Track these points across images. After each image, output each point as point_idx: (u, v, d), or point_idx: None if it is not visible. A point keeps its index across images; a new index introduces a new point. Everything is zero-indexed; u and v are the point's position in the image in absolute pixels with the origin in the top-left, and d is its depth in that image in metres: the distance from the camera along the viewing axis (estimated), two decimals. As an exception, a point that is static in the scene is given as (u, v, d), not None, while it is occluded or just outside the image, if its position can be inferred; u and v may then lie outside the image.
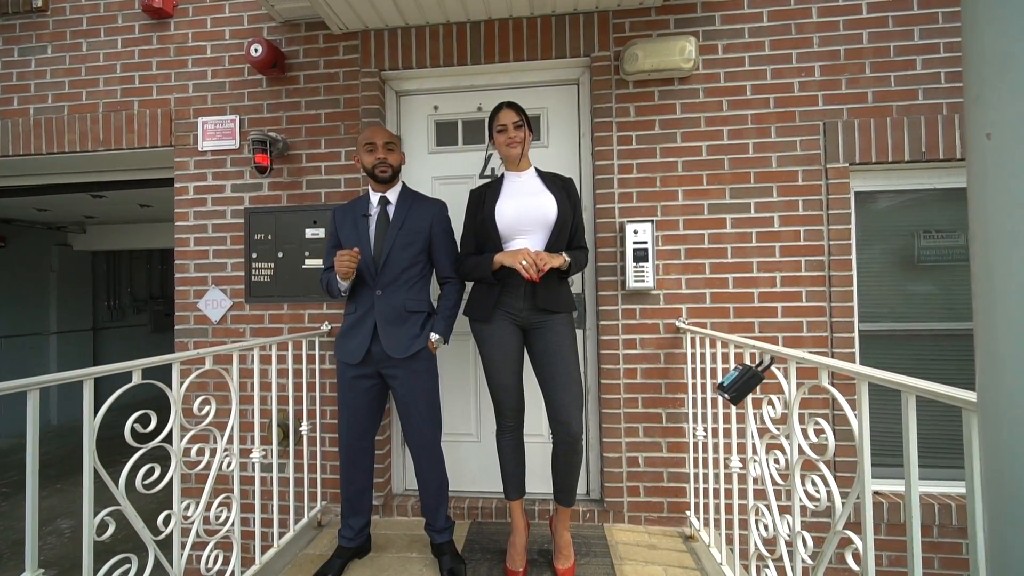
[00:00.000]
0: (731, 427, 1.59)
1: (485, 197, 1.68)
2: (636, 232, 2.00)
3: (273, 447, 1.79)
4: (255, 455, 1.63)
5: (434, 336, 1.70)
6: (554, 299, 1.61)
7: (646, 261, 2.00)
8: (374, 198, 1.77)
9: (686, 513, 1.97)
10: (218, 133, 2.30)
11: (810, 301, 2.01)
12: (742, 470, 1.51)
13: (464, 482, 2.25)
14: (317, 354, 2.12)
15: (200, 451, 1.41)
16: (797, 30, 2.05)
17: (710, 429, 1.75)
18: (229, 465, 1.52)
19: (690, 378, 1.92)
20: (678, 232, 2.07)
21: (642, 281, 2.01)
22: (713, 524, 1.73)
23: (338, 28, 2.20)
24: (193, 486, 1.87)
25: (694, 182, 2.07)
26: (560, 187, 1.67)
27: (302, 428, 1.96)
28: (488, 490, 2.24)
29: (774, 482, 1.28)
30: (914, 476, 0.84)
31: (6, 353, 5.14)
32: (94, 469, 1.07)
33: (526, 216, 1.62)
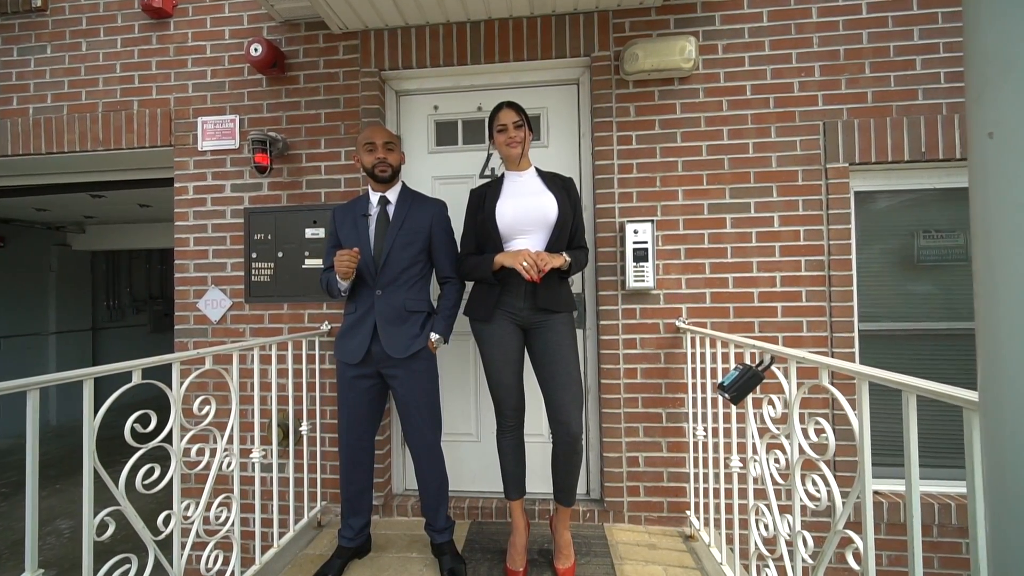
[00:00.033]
0: (731, 427, 1.59)
1: (485, 197, 1.68)
2: (636, 232, 2.00)
3: (273, 447, 1.79)
4: (255, 455, 1.63)
5: (434, 336, 1.70)
6: (554, 299, 1.61)
7: (646, 261, 2.00)
8: (374, 198, 1.77)
9: (686, 513, 1.97)
10: (218, 133, 2.29)
11: (810, 301, 2.01)
12: (742, 470, 1.51)
13: (464, 482, 2.25)
14: (317, 354, 2.12)
15: (200, 451, 1.41)
16: (797, 30, 2.06)
17: (710, 429, 1.75)
18: (229, 465, 1.52)
19: (690, 378, 1.92)
20: (678, 232, 2.07)
21: (642, 281, 2.01)
22: (713, 524, 1.73)
23: (338, 28, 2.20)
24: (193, 486, 1.88)
25: (694, 182, 2.07)
26: (560, 187, 1.67)
27: (302, 428, 1.96)
28: (488, 490, 2.24)
29: (774, 482, 1.28)
30: (915, 476, 0.84)
31: (5, 353, 5.13)
32: (94, 469, 1.07)
33: (526, 216, 1.62)
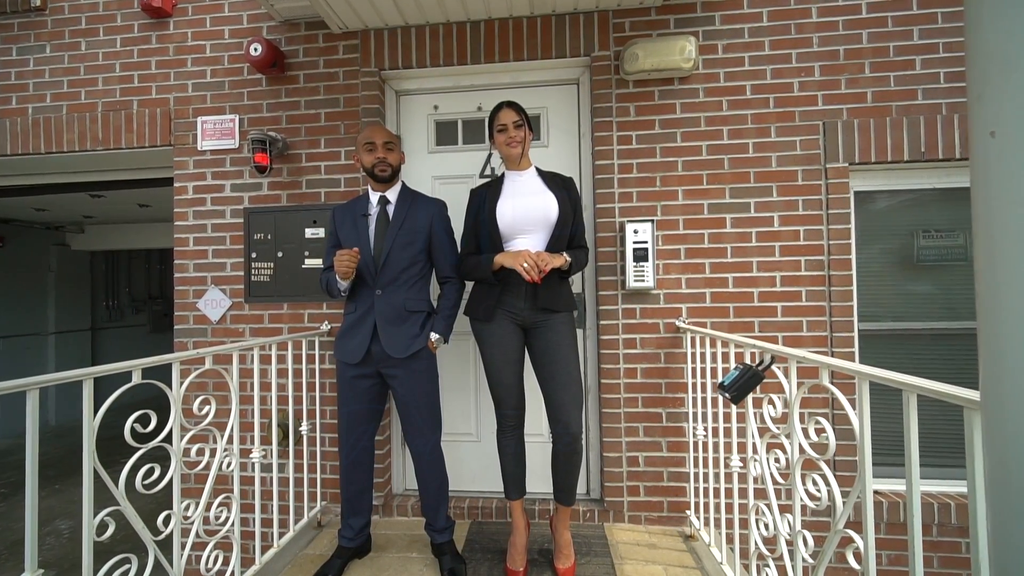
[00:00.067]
0: (731, 426, 1.59)
1: (486, 197, 1.68)
2: (636, 232, 2.00)
3: (273, 447, 1.79)
4: (255, 455, 1.63)
5: (434, 336, 1.70)
6: (555, 298, 1.61)
7: (646, 261, 2.00)
8: (374, 197, 1.76)
9: (686, 512, 1.97)
10: (217, 132, 2.29)
11: (810, 301, 2.01)
12: (742, 469, 1.51)
13: (464, 482, 2.25)
14: (317, 354, 2.12)
15: (200, 451, 1.41)
16: (797, 30, 2.06)
17: (710, 428, 1.75)
18: (229, 465, 1.52)
19: (690, 377, 1.92)
20: (678, 232, 2.07)
21: (642, 281, 2.01)
22: (713, 523, 1.73)
23: (338, 27, 2.19)
24: (193, 486, 1.88)
25: (694, 182, 2.08)
26: (561, 186, 1.67)
27: (302, 428, 1.95)
28: (488, 490, 2.24)
29: (775, 481, 1.28)
30: (915, 475, 0.84)
31: (4, 353, 5.12)
32: (94, 469, 1.06)
33: (527, 216, 1.62)
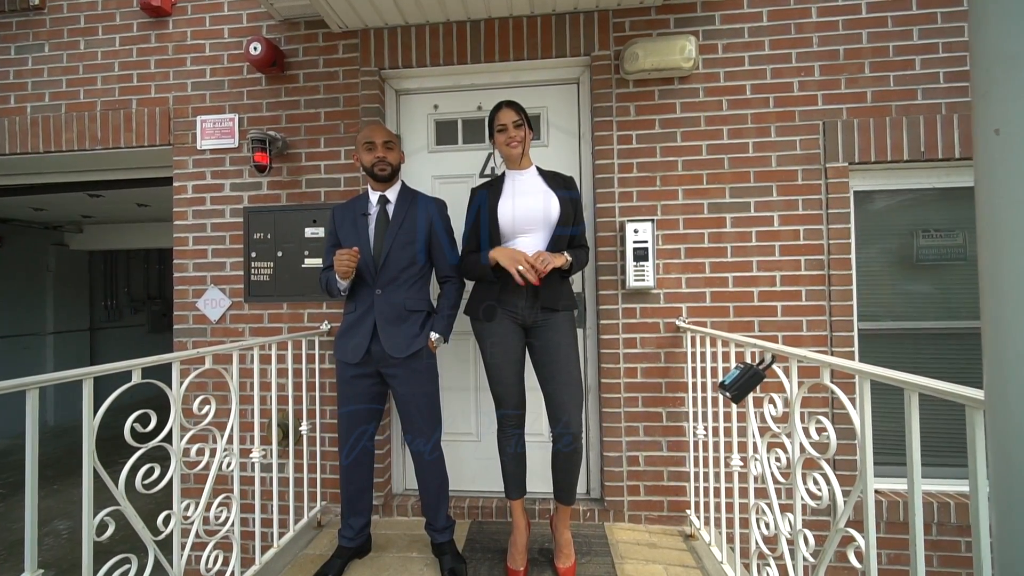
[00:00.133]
0: (731, 426, 1.59)
1: (486, 196, 1.68)
2: (636, 231, 2.00)
3: (273, 447, 1.79)
4: (255, 455, 1.62)
5: (434, 335, 1.70)
6: (555, 298, 1.61)
7: (646, 260, 2.00)
8: (373, 197, 1.76)
9: (686, 512, 1.97)
10: (217, 132, 2.29)
11: (810, 300, 2.02)
12: (743, 469, 1.51)
13: (464, 482, 2.25)
14: (317, 354, 2.12)
15: (200, 451, 1.41)
16: (797, 30, 2.06)
17: (710, 428, 1.75)
18: (229, 465, 1.52)
19: (690, 377, 1.92)
20: (678, 231, 2.07)
21: (642, 280, 2.01)
22: (714, 523, 1.73)
23: (338, 26, 2.19)
24: (193, 486, 1.87)
25: (694, 181, 2.08)
26: (561, 186, 1.67)
27: (302, 428, 1.95)
28: (488, 490, 2.24)
29: (775, 480, 1.28)
30: (917, 474, 0.84)
31: (2, 354, 5.10)
32: (93, 469, 1.06)
33: (528, 215, 1.61)
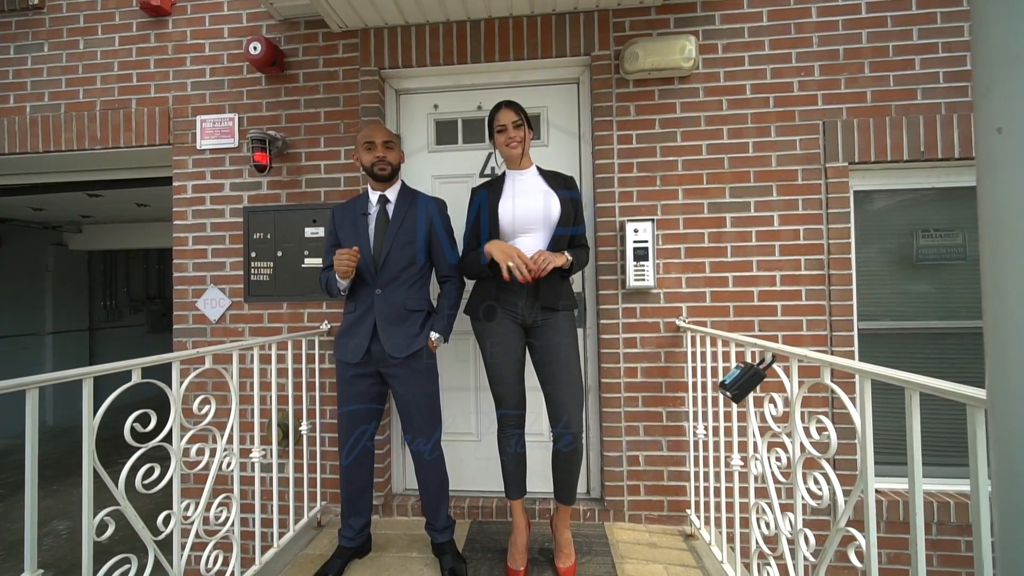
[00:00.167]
0: (732, 425, 1.59)
1: (487, 196, 1.68)
2: (636, 231, 2.00)
3: (273, 447, 1.79)
4: (255, 455, 1.62)
5: (434, 335, 1.70)
6: (555, 297, 1.61)
7: (646, 260, 2.00)
8: (373, 196, 1.76)
9: (686, 511, 1.97)
10: (217, 131, 2.28)
11: (809, 300, 2.02)
12: (743, 468, 1.51)
13: (464, 481, 2.25)
14: (317, 353, 2.11)
15: (200, 451, 1.41)
16: (796, 30, 2.06)
17: (710, 427, 1.75)
18: (229, 465, 1.51)
19: (690, 377, 1.92)
20: (678, 231, 2.08)
21: (642, 280, 2.01)
22: (714, 522, 1.73)
23: (338, 26, 2.19)
24: (193, 486, 1.87)
25: (694, 181, 2.08)
26: (562, 185, 1.67)
27: (302, 428, 1.95)
28: (488, 489, 2.24)
29: (776, 480, 1.28)
30: (918, 473, 0.84)
31: (1, 354, 5.10)
32: (93, 469, 1.06)
33: (528, 215, 1.61)
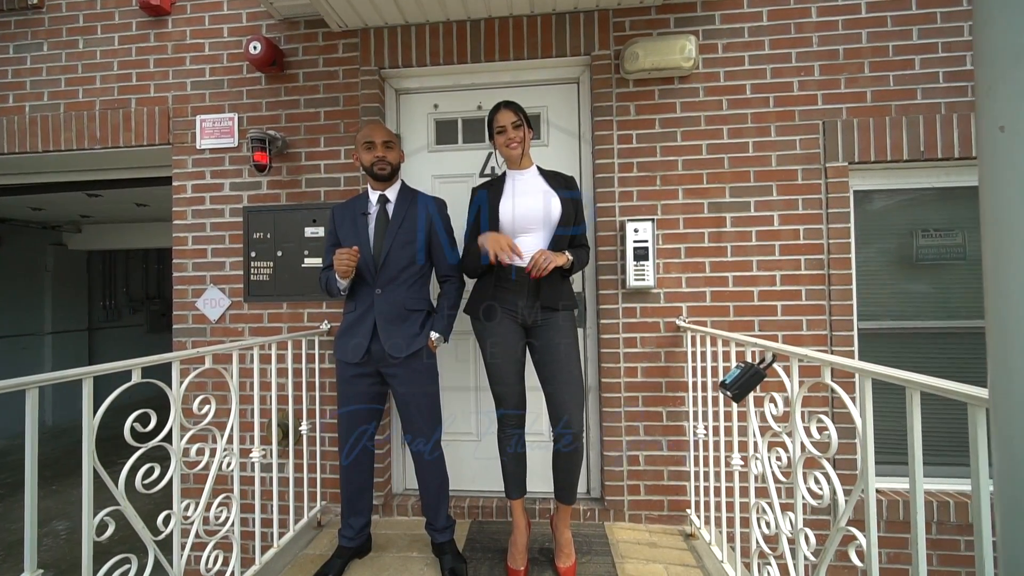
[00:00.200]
0: (732, 425, 1.59)
1: (487, 195, 1.68)
2: (636, 231, 2.00)
3: (273, 447, 1.78)
4: (255, 455, 1.62)
5: (434, 335, 1.70)
6: (556, 297, 1.61)
7: (646, 260, 2.00)
8: (373, 196, 1.76)
9: (687, 511, 1.97)
10: (216, 131, 2.28)
11: (809, 300, 2.02)
12: (743, 468, 1.51)
13: (464, 481, 2.24)
14: (317, 353, 2.11)
15: (200, 451, 1.40)
16: (796, 30, 2.06)
17: (710, 427, 1.75)
18: (229, 465, 1.51)
19: (690, 376, 1.92)
20: (678, 231, 2.08)
21: (642, 280, 2.01)
22: (714, 522, 1.73)
23: (337, 26, 2.19)
24: (193, 486, 1.86)
25: (694, 181, 2.08)
26: (562, 185, 1.67)
27: (302, 428, 1.95)
28: (488, 489, 2.24)
29: (776, 479, 1.28)
30: (919, 472, 0.84)
31: (0, 354, 5.09)
32: (93, 469, 1.06)
33: (528, 215, 1.61)
